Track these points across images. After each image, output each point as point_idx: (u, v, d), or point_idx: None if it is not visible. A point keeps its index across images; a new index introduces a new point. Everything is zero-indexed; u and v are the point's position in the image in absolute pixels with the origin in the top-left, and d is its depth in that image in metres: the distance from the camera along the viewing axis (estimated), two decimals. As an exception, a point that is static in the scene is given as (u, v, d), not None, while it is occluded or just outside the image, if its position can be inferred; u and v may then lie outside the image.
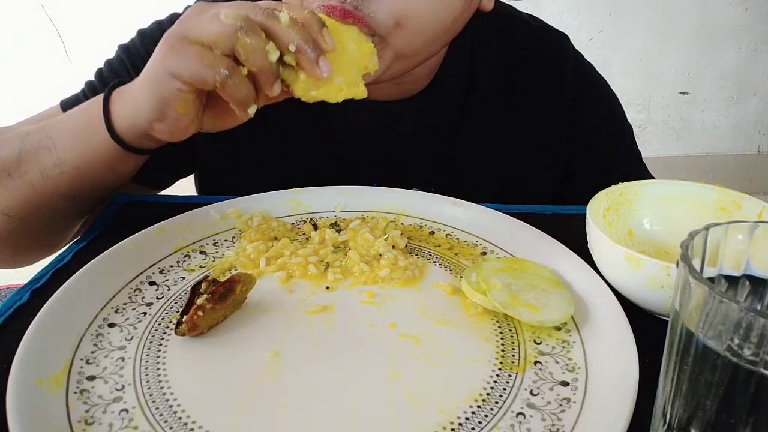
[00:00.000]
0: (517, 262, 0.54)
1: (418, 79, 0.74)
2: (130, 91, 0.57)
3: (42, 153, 0.60)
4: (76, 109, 0.62)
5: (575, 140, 0.81)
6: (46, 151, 0.59)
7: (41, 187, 0.60)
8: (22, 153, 0.60)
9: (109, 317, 0.48)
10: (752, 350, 0.30)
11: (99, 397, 0.40)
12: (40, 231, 0.66)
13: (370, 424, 0.39)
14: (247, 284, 0.49)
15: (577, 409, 0.40)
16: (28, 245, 0.68)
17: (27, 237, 0.66)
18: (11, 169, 0.60)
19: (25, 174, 0.60)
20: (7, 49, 2.34)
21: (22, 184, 0.60)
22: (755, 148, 2.90)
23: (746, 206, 0.54)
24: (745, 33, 2.64)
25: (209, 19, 0.50)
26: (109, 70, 0.75)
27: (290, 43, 0.50)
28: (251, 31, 0.49)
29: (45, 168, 0.60)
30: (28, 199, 0.61)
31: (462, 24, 0.66)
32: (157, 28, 0.77)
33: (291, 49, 0.50)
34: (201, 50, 0.50)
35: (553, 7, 2.51)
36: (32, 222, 0.63)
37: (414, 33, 0.60)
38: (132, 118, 0.56)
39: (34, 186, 0.60)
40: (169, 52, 0.51)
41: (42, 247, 0.70)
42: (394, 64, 0.62)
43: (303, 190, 0.66)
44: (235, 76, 0.50)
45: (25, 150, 0.60)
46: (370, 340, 0.46)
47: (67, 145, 0.59)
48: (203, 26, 0.50)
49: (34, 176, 0.60)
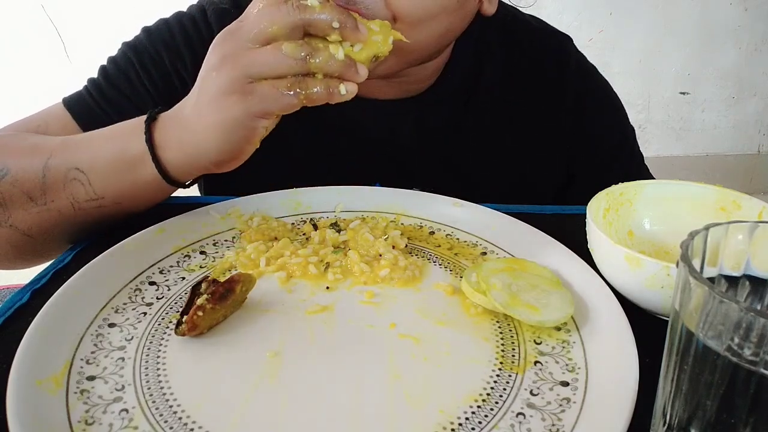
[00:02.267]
0: (517, 262, 0.54)
1: (422, 80, 0.74)
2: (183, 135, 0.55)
3: (73, 185, 0.58)
4: (104, 139, 0.59)
5: (577, 141, 0.81)
6: (78, 184, 0.58)
7: (71, 215, 0.59)
8: (47, 181, 0.58)
9: (109, 317, 0.48)
10: (752, 350, 0.30)
11: (99, 397, 0.40)
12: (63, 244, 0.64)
13: (370, 424, 0.39)
14: (247, 284, 0.49)
15: (577, 409, 0.40)
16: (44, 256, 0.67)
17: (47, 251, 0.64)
18: (33, 195, 0.58)
19: (52, 202, 0.58)
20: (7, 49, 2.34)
21: (47, 210, 0.59)
22: (755, 148, 2.90)
23: (746, 206, 0.54)
24: (745, 33, 2.64)
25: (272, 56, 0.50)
26: (114, 68, 0.74)
27: (333, 22, 0.51)
28: (315, 52, 0.50)
29: (77, 200, 0.58)
30: (54, 224, 0.60)
31: (461, 24, 0.66)
32: (163, 26, 0.76)
33: (335, 26, 0.51)
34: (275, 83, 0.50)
35: (553, 7, 2.51)
36: (55, 240, 0.62)
37: (410, 27, 0.60)
38: (193, 160, 0.55)
39: (62, 213, 0.59)
40: (242, 97, 0.50)
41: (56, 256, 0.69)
42: (391, 58, 0.62)
43: (303, 190, 0.66)
44: (312, 84, 0.51)
45: (50, 178, 0.58)
46: (370, 340, 0.46)
47: (105, 181, 0.57)
48: (269, 64, 0.50)
49: (64, 205, 0.58)
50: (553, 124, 0.80)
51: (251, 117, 0.51)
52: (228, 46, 0.52)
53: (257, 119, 0.51)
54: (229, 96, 0.51)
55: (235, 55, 0.51)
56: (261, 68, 0.50)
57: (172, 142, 0.55)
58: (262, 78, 0.50)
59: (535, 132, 0.80)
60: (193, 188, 0.84)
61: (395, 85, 0.73)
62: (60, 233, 0.61)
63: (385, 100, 0.75)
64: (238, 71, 0.50)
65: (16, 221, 0.59)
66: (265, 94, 0.50)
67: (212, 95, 0.52)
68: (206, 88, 0.53)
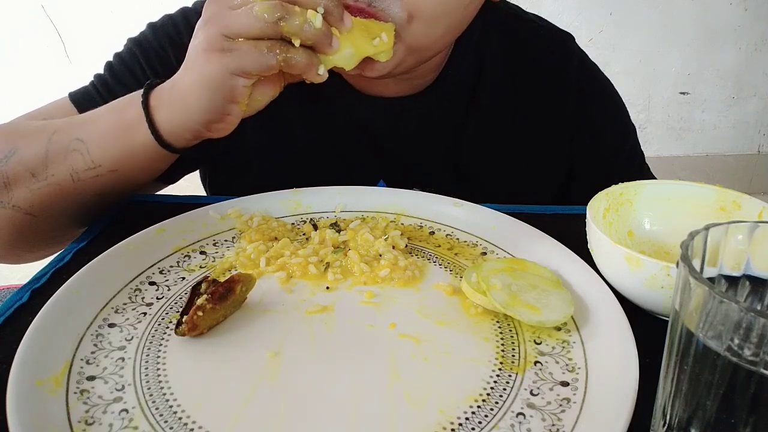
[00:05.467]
0: (517, 262, 0.54)
1: (425, 75, 0.75)
2: (172, 94, 0.57)
3: (73, 156, 0.59)
4: (105, 110, 0.62)
5: (579, 139, 0.81)
6: (77, 154, 0.59)
7: (70, 188, 0.60)
8: (49, 154, 0.60)
9: (109, 317, 0.48)
10: (752, 350, 0.30)
11: (99, 397, 0.40)
12: (64, 226, 0.65)
13: (370, 424, 0.39)
14: (247, 284, 0.49)
15: (577, 410, 0.39)
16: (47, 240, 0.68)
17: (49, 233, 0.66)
18: (36, 170, 0.60)
19: (52, 176, 0.60)
20: (7, 49, 2.34)
21: (48, 185, 0.60)
22: (755, 148, 2.90)
23: (746, 206, 0.54)
24: (745, 33, 2.64)
25: (244, 16, 0.51)
26: (120, 63, 0.74)
27: (318, 5, 0.52)
28: (290, 15, 0.50)
29: (76, 171, 0.59)
30: (55, 199, 0.61)
31: (471, 16, 0.67)
32: (168, 21, 0.76)
33: (319, 11, 0.52)
34: (254, 42, 0.51)
35: (553, 7, 2.51)
36: (57, 219, 0.63)
37: (427, 26, 0.61)
38: (182, 121, 0.56)
39: (62, 186, 0.60)
40: (220, 54, 0.52)
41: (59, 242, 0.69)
42: (408, 58, 0.63)
43: (303, 191, 0.66)
44: (293, 51, 0.52)
45: (53, 151, 0.60)
46: (370, 340, 0.46)
47: (103, 148, 0.59)
48: (242, 23, 0.51)
49: (63, 178, 0.60)
50: (555, 122, 0.80)
51: (229, 74, 0.52)
52: (211, 8, 0.53)
53: (235, 77, 0.52)
54: (209, 53, 0.52)
55: (216, 15, 0.52)
56: (237, 27, 0.51)
57: (164, 104, 0.57)
58: (240, 37, 0.51)
59: (537, 129, 0.80)
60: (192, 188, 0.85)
61: (401, 82, 0.73)
62: (61, 210, 0.62)
63: (390, 97, 0.75)
64: (214, 28, 0.52)
65: (18, 201, 0.61)
66: (243, 52, 0.51)
67: (195, 53, 0.54)
68: (191, 48, 0.55)
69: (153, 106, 0.57)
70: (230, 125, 0.57)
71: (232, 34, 0.51)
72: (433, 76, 0.75)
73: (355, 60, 0.56)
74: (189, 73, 0.55)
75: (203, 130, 0.57)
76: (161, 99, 0.57)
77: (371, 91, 0.74)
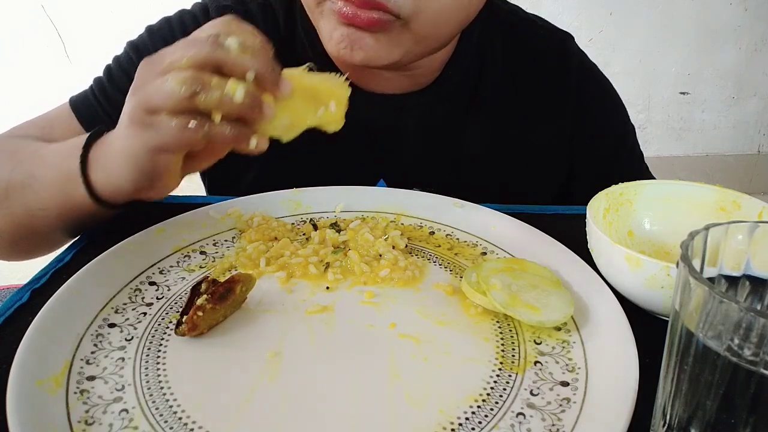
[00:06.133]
0: (517, 262, 0.54)
1: (427, 73, 0.75)
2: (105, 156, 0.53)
3: (27, 192, 0.58)
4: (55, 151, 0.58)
5: (579, 139, 0.81)
6: (31, 192, 0.57)
7: (28, 222, 0.59)
8: (9, 185, 0.59)
9: (109, 317, 0.48)
10: (752, 350, 0.30)
11: (99, 397, 0.40)
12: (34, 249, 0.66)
13: (370, 424, 0.39)
14: (247, 284, 0.49)
15: (577, 410, 0.40)
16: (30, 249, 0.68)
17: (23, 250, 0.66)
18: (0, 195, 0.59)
19: (10, 207, 0.59)
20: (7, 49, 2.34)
21: (9, 215, 0.60)
22: (755, 148, 2.90)
23: (746, 206, 0.54)
24: (745, 33, 2.64)
25: (160, 86, 0.47)
26: (118, 68, 0.74)
27: (249, 71, 0.47)
28: (205, 89, 0.46)
29: (30, 208, 0.58)
30: (16, 228, 0.61)
31: (476, 11, 0.66)
32: (165, 24, 0.76)
33: (249, 77, 0.47)
34: (170, 117, 0.47)
35: (553, 7, 2.51)
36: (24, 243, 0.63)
37: (435, 14, 0.60)
38: (113, 186, 0.53)
39: (20, 219, 0.59)
40: (141, 130, 0.49)
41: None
42: (414, 47, 0.63)
43: (303, 190, 0.66)
44: (216, 125, 0.47)
45: (12, 183, 0.58)
46: (370, 340, 0.46)
47: (49, 193, 0.57)
48: (158, 94, 0.47)
49: (20, 212, 0.59)
50: (555, 122, 0.80)
51: (150, 150, 0.49)
52: (140, 75, 0.50)
53: (157, 153, 0.49)
54: (130, 127, 0.50)
55: (141, 84, 0.49)
56: (151, 97, 0.47)
57: (99, 164, 0.54)
58: (159, 111, 0.47)
59: (537, 129, 0.80)
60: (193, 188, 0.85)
61: (402, 79, 0.73)
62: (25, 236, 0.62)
63: (391, 94, 0.75)
64: (138, 101, 0.49)
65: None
66: (162, 127, 0.47)
67: (121, 123, 0.51)
68: (122, 113, 0.51)
69: (91, 161, 0.54)
70: (163, 193, 0.53)
71: (150, 108, 0.48)
72: (434, 74, 0.76)
73: (293, 132, 0.51)
74: (115, 142, 0.52)
75: (136, 196, 0.54)
76: (97, 158, 0.54)
77: (371, 88, 0.74)
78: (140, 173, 0.51)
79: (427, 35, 0.62)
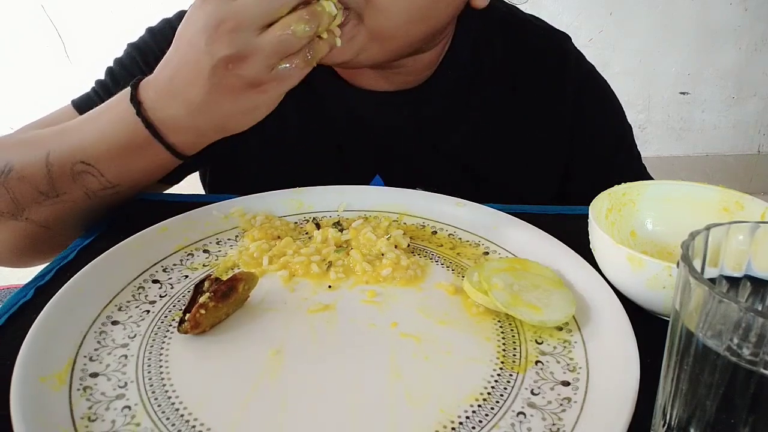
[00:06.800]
0: (519, 262, 0.54)
1: (417, 72, 0.74)
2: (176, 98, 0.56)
3: (84, 178, 0.59)
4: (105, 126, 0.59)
5: (576, 139, 0.81)
6: (89, 177, 0.59)
7: (86, 203, 0.61)
8: (53, 175, 0.59)
9: (112, 315, 0.48)
10: (752, 350, 0.30)
11: (102, 394, 0.40)
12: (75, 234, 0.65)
13: (371, 423, 0.39)
14: (250, 283, 0.49)
15: (578, 409, 0.40)
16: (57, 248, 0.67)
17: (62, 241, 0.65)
18: (43, 189, 0.59)
19: (65, 194, 0.60)
20: (7, 49, 2.34)
21: (62, 201, 0.60)
22: (755, 148, 2.90)
23: (749, 207, 0.54)
24: (745, 33, 2.64)
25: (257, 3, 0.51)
26: (120, 69, 0.74)
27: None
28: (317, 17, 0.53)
29: (92, 190, 0.60)
30: (69, 214, 0.61)
31: (444, 13, 0.65)
32: (166, 25, 0.76)
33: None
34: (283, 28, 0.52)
35: (553, 7, 2.51)
36: (71, 229, 0.63)
37: (387, 10, 0.59)
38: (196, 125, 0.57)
39: (77, 203, 0.61)
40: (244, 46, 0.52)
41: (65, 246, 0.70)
42: (371, 45, 0.62)
43: (305, 190, 0.67)
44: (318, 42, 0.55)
45: (56, 174, 0.59)
46: (372, 339, 0.47)
47: (117, 169, 0.59)
48: (259, 9, 0.51)
49: (78, 196, 0.60)
50: (552, 121, 0.80)
51: (269, 60, 0.53)
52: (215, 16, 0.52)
53: (272, 58, 0.53)
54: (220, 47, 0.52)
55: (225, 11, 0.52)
56: (247, 15, 0.51)
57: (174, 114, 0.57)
58: (258, 26, 0.52)
59: (535, 129, 0.80)
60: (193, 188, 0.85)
61: (390, 77, 0.73)
62: (77, 220, 0.63)
63: (382, 91, 0.75)
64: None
65: (31, 215, 0.61)
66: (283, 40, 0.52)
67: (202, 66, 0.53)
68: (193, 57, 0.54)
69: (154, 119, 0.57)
70: (264, 114, 0.58)
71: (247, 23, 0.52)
72: (428, 73, 0.76)
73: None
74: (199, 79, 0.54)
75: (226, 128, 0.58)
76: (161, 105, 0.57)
77: (362, 85, 0.75)
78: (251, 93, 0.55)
79: (384, 33, 0.61)
